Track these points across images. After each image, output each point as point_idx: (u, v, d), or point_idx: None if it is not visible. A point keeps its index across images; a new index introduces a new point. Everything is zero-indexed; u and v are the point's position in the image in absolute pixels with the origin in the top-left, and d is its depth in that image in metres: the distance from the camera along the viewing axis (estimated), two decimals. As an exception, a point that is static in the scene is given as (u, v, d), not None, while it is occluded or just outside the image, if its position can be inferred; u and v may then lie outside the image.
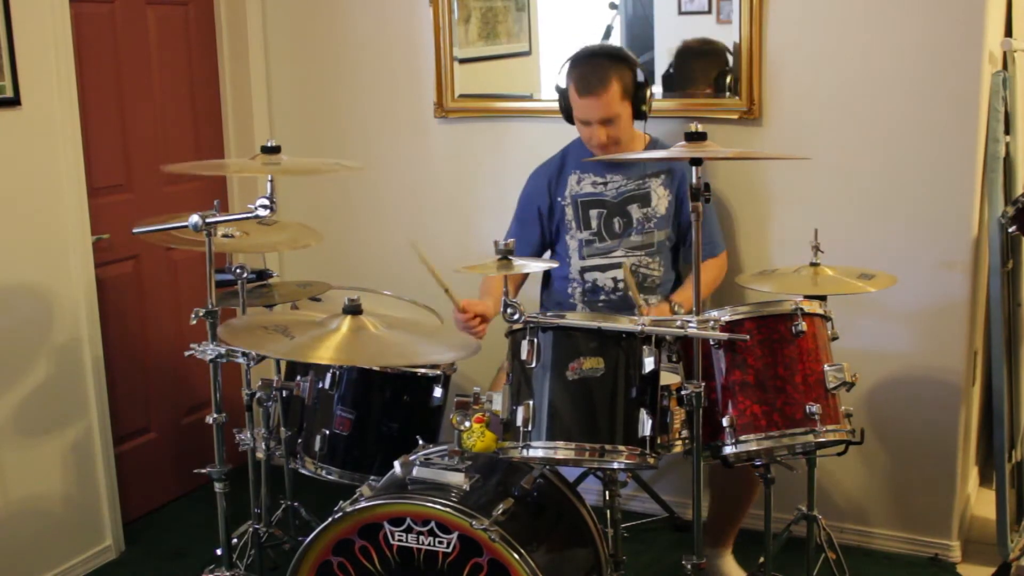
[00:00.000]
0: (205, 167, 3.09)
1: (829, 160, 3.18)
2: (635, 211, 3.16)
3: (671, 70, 3.36)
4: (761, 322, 2.46)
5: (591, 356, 2.29)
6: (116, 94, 3.49)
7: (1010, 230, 2.99)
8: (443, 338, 2.58)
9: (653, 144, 3.19)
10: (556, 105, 3.21)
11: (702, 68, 3.37)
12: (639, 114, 3.07)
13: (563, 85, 3.11)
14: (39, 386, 3.19)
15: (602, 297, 3.19)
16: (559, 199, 3.23)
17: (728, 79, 3.29)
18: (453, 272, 2.55)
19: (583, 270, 3.20)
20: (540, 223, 3.26)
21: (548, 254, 3.33)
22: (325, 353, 2.35)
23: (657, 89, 3.35)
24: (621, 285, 3.17)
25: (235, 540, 3.03)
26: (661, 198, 3.15)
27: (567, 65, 3.10)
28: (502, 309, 2.31)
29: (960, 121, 3.03)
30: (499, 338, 2.49)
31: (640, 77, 3.05)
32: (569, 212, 3.21)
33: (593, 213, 3.19)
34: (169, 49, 3.68)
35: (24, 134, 3.07)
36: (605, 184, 3.19)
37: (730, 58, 3.27)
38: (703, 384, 2.34)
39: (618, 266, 3.17)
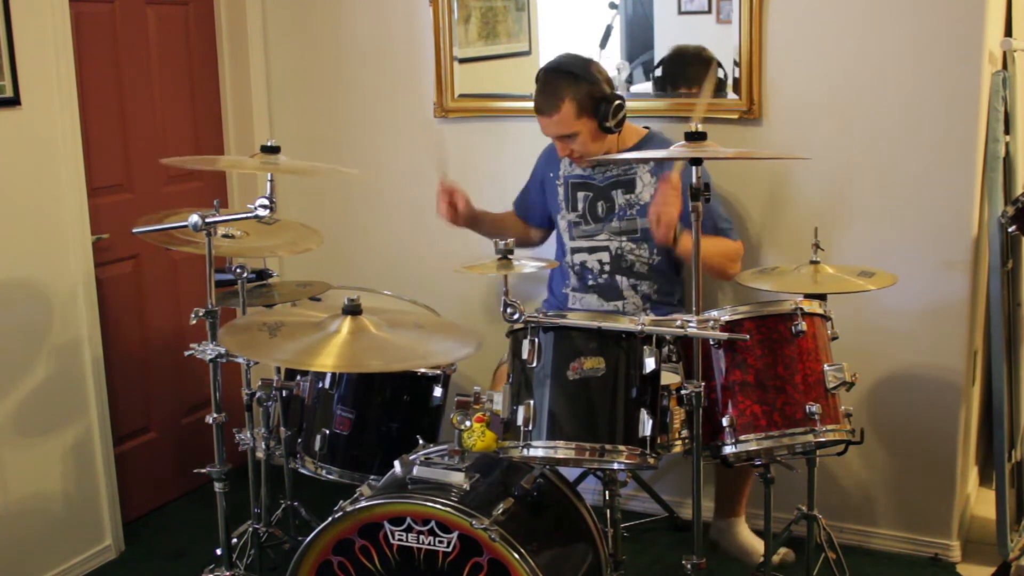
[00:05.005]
0: (203, 161, 3.09)
1: (829, 160, 3.18)
2: (618, 197, 3.17)
3: (660, 70, 3.36)
4: (761, 322, 2.47)
5: (592, 356, 2.29)
6: (116, 94, 3.49)
7: (1010, 230, 2.99)
8: (443, 338, 2.57)
9: (650, 137, 3.19)
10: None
11: (695, 72, 3.37)
12: (605, 129, 3.02)
13: None
14: (39, 386, 3.19)
15: (590, 281, 3.20)
16: (552, 175, 3.26)
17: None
18: (452, 272, 2.55)
19: (573, 250, 3.22)
20: (542, 194, 3.31)
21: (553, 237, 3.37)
22: (327, 360, 2.33)
23: (648, 87, 3.37)
24: (607, 268, 3.18)
25: (235, 540, 3.03)
26: (646, 185, 3.14)
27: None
28: (502, 309, 2.31)
29: (960, 121, 3.03)
30: (499, 337, 2.49)
31: (601, 92, 3.00)
32: (561, 192, 3.24)
33: (580, 195, 3.21)
34: (169, 49, 3.68)
35: (24, 134, 3.07)
36: (594, 167, 3.20)
37: (720, 71, 3.28)
38: (703, 384, 2.35)
39: (603, 249, 3.19)
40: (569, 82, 3.00)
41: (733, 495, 3.15)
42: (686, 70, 3.39)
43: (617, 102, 3.01)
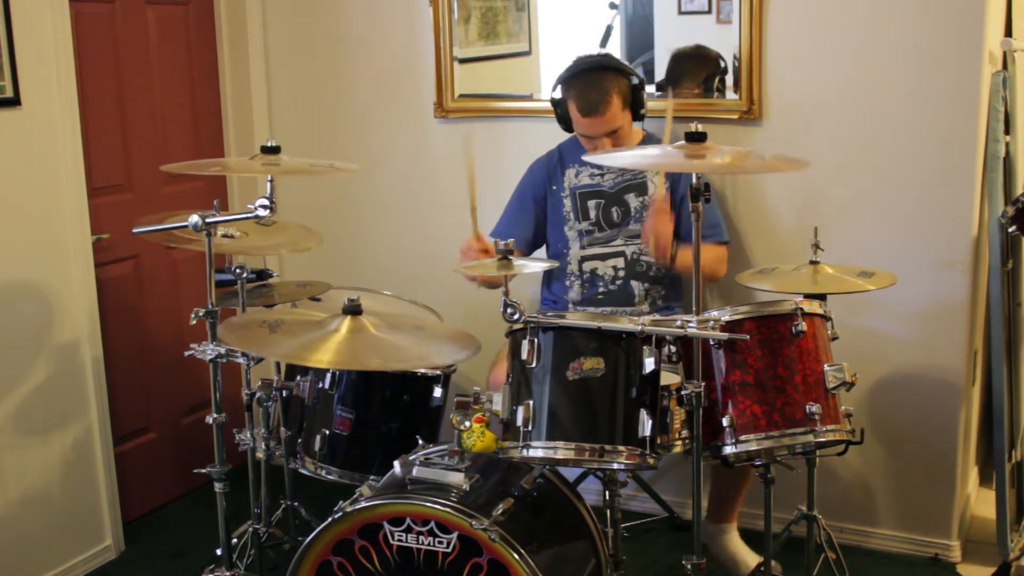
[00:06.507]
0: (203, 166, 3.09)
1: (829, 159, 3.18)
2: (632, 200, 3.17)
3: (663, 72, 3.37)
4: (761, 322, 2.47)
5: (591, 356, 2.29)
6: (116, 94, 3.49)
7: (1010, 230, 2.99)
8: (443, 339, 2.58)
9: (648, 139, 3.21)
10: (555, 105, 3.22)
11: (691, 69, 3.37)
12: (637, 117, 3.10)
13: (558, 97, 3.12)
14: (39, 386, 3.19)
15: (601, 288, 3.20)
16: (555, 188, 3.25)
17: (716, 81, 3.29)
18: (453, 272, 2.55)
19: (583, 259, 3.21)
20: (534, 215, 3.28)
21: (544, 252, 3.33)
22: (324, 356, 2.34)
23: (651, 89, 3.35)
24: (621, 274, 3.18)
25: (235, 540, 3.02)
26: (658, 187, 3.15)
27: (564, 80, 3.10)
28: (502, 309, 2.31)
29: (960, 121, 3.03)
30: (498, 334, 2.49)
31: (635, 81, 3.07)
32: (568, 204, 3.23)
33: (591, 204, 3.20)
34: (169, 49, 3.68)
35: (24, 134, 3.07)
36: (602, 175, 3.20)
37: (721, 63, 3.28)
38: (703, 384, 2.34)
39: (618, 255, 3.18)
40: (612, 76, 3.05)
41: (728, 501, 3.10)
42: (686, 69, 3.39)
43: (645, 89, 3.08)
